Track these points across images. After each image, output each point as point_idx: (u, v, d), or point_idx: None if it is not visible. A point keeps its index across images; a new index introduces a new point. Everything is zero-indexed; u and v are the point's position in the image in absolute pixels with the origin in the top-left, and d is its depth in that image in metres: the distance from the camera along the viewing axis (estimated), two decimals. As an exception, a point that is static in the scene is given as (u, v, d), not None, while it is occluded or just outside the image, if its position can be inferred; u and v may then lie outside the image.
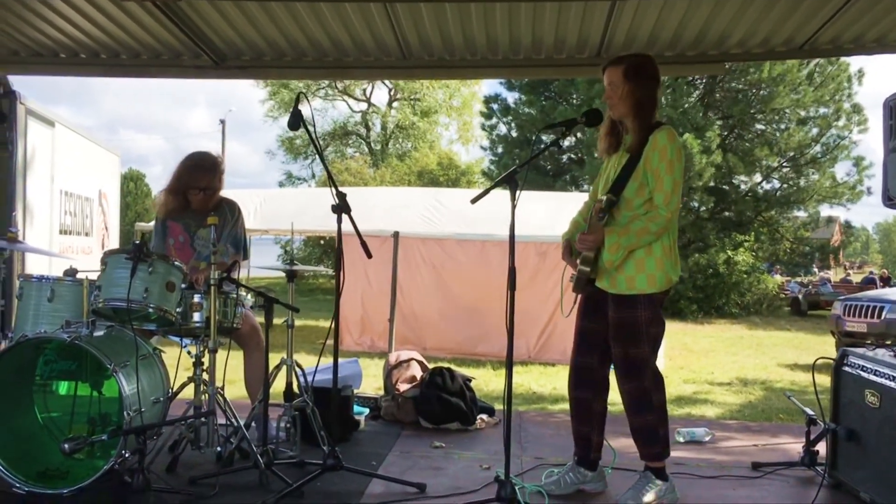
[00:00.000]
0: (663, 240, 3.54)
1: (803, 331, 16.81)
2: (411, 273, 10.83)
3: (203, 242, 4.54)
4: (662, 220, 3.47)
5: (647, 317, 3.54)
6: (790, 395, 4.81)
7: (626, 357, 3.59)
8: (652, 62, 3.67)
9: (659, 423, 3.63)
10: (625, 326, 3.57)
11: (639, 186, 3.53)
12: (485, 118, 25.68)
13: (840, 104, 22.46)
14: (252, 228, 11.33)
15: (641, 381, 3.59)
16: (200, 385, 4.00)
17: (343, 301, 13.32)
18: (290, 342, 4.33)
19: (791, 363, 11.26)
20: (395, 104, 37.86)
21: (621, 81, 3.57)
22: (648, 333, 3.56)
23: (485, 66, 5.70)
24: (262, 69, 5.84)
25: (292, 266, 4.24)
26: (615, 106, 3.63)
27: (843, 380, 3.96)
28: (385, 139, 37.62)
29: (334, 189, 3.81)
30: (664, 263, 3.54)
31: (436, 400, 5.24)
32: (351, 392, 5.05)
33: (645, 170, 3.50)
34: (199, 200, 4.51)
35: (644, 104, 3.57)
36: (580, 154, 23.78)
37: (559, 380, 8.97)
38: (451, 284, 10.80)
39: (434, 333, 10.81)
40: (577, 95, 22.60)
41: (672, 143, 3.48)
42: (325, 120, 38.76)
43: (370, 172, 31.41)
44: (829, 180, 22.88)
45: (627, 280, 3.55)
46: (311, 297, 23.49)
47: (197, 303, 4.00)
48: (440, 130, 38.29)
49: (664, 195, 3.47)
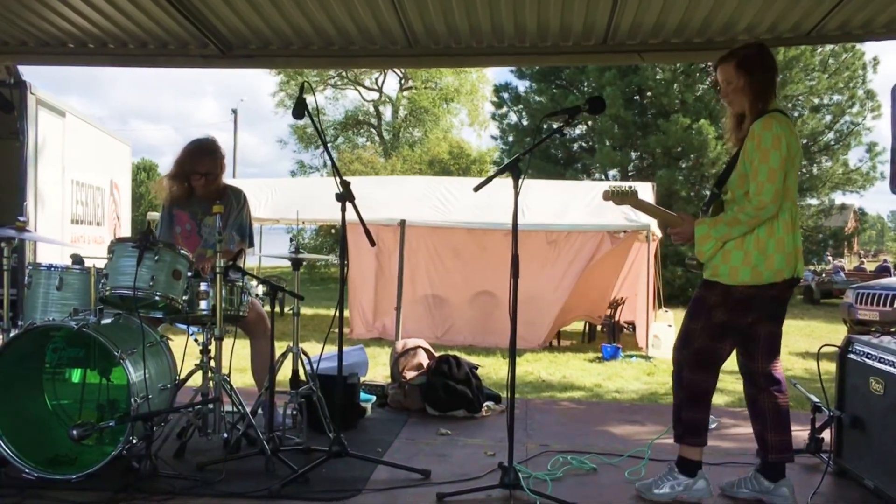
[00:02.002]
0: (759, 232, 3.43)
1: (816, 319, 16.71)
2: (421, 261, 10.86)
3: (210, 230, 4.54)
4: (752, 211, 3.37)
5: (717, 301, 3.51)
6: (795, 382, 4.80)
7: (683, 327, 3.63)
8: (765, 52, 3.57)
9: (682, 404, 3.61)
10: (694, 301, 3.60)
11: (739, 178, 3.49)
12: (496, 107, 25.63)
13: (854, 91, 22.28)
14: (263, 218, 11.39)
15: (681, 353, 3.60)
16: (207, 372, 4.03)
17: (356, 288, 13.30)
18: (296, 330, 4.37)
19: (802, 351, 11.19)
20: (406, 93, 37.79)
21: (734, 76, 3.51)
22: (711, 315, 3.52)
23: (491, 54, 5.68)
24: (269, 58, 5.84)
25: (297, 254, 4.26)
26: (732, 102, 3.58)
27: (848, 367, 3.95)
28: (396, 128, 37.59)
29: (338, 177, 3.81)
30: (754, 257, 3.43)
31: (442, 387, 5.27)
32: (357, 379, 5.06)
33: (744, 160, 3.45)
34: (201, 185, 4.52)
35: (759, 96, 3.49)
36: (591, 142, 23.70)
37: (569, 368, 8.98)
38: (463, 273, 10.82)
39: (445, 321, 10.84)
40: (589, 83, 22.52)
41: (767, 130, 3.36)
42: (337, 109, 38.88)
43: (381, 162, 31.41)
44: (843, 167, 22.75)
45: (713, 268, 3.54)
46: (323, 287, 23.59)
47: (203, 291, 4.03)
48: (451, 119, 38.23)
49: (756, 185, 3.37)
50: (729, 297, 3.48)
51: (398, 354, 5.73)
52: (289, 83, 35.77)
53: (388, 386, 5.70)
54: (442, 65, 18.13)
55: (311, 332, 10.76)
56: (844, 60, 21.88)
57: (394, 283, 10.57)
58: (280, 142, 73.01)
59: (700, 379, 3.59)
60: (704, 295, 3.56)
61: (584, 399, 6.94)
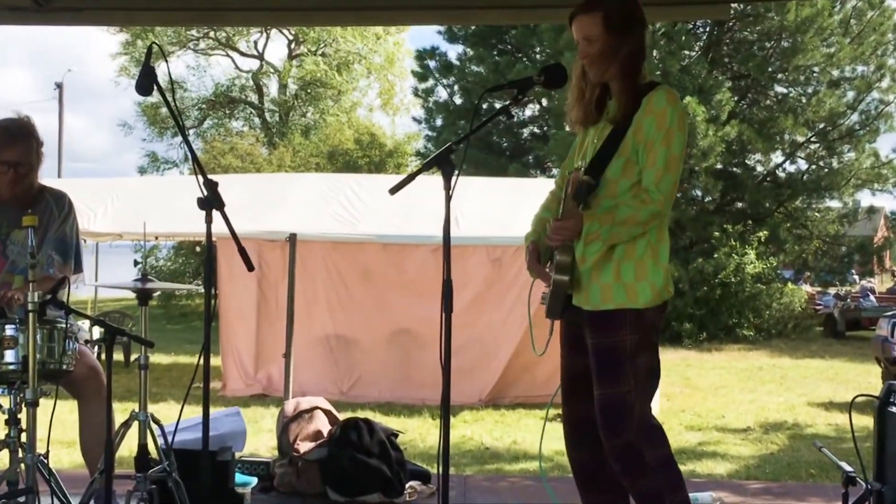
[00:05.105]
0: (650, 236, 3.53)
1: (840, 358, 17.18)
2: (319, 288, 10.74)
3: (19, 249, 4.43)
4: (655, 206, 3.47)
5: (633, 342, 3.51)
6: (821, 445, 4.87)
7: (604, 399, 3.55)
8: (636, 3, 3.66)
9: (664, 489, 3.57)
10: (601, 355, 3.54)
11: (625, 164, 3.54)
12: (419, 80, 25.73)
13: (883, 60, 22.87)
14: (99, 232, 11.16)
15: (625, 434, 3.53)
16: (16, 451, 3.89)
17: (230, 327, 13.14)
18: (144, 387, 4.27)
19: (825, 401, 11.48)
20: (297, 61, 37.64)
21: (601, 33, 3.53)
22: (634, 365, 3.52)
23: (413, 8, 5.69)
24: (103, 11, 5.74)
25: (144, 283, 4.13)
26: (595, 65, 3.59)
27: (891, 424, 4.01)
28: (284, 108, 37.37)
29: (201, 176, 3.71)
30: (649, 268, 3.52)
31: (349, 463, 5.23)
32: (231, 455, 4.99)
33: (634, 142, 3.51)
34: (7, 183, 4.41)
35: (634, 60, 3.57)
36: (545, 127, 23.97)
37: (521, 430, 8.99)
38: (376, 305, 10.75)
39: (353, 371, 10.76)
40: (542, 48, 22.81)
41: (673, 106, 3.50)
42: (203, 83, 38.37)
43: (264, 153, 31.15)
44: (871, 159, 23.26)
45: (602, 290, 3.52)
46: (185, 325, 23.19)
47: (9, 336, 3.90)
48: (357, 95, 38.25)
49: (655, 173, 3.47)
50: (641, 326, 3.53)
51: (288, 419, 5.67)
52: (135, 44, 35.20)
53: (274, 462, 5.63)
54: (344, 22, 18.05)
55: (167, 390, 10.52)
56: (870, 20, 22.42)
57: (282, 319, 10.41)
58: (123, 126, 71.48)
59: (665, 450, 3.62)
60: (613, 340, 3.52)
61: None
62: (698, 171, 20.31)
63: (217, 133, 35.86)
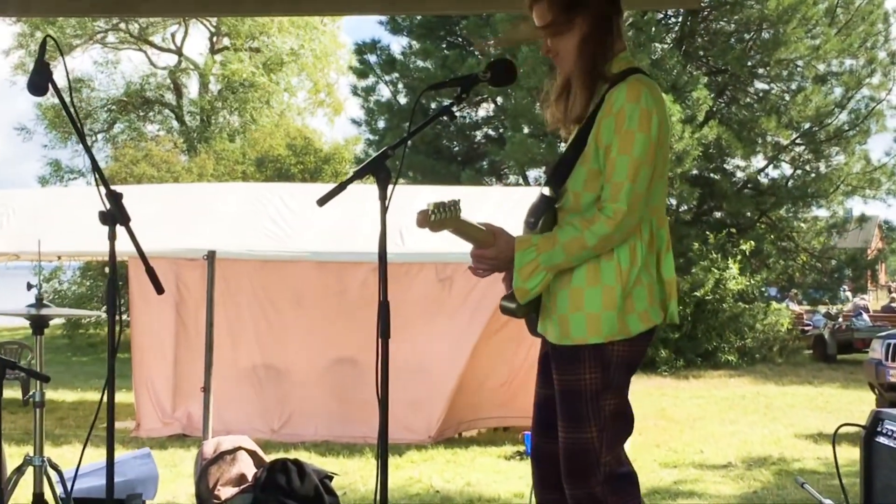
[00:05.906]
0: (620, 257, 3.35)
1: (831, 384, 17.35)
2: (245, 313, 10.69)
3: None
4: (604, 227, 3.30)
5: (596, 382, 3.40)
6: (803, 481, 4.94)
7: (567, 445, 3.47)
8: None
9: None
10: (562, 395, 3.47)
11: (588, 174, 3.41)
12: (357, 76, 25.71)
13: (873, 54, 23.14)
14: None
15: (588, 484, 3.46)
16: None
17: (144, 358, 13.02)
18: (39, 428, 4.21)
19: (814, 432, 11.57)
20: (220, 56, 37.52)
21: (561, 20, 3.45)
22: (598, 409, 3.43)
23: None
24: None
25: (39, 309, 4.09)
26: (561, 58, 3.53)
27: (878, 455, 4.06)
28: (206, 110, 37.21)
29: (102, 186, 3.69)
30: (617, 297, 3.36)
31: (278, 510, 5.20)
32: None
33: (595, 147, 3.38)
34: None
35: (595, 49, 3.44)
36: (501, 129, 24.03)
37: (475, 471, 8.99)
38: (310, 331, 10.72)
39: (284, 406, 10.71)
40: (496, 41, 22.87)
41: (634, 102, 3.34)
42: (113, 81, 38.11)
43: (183, 161, 30.97)
44: (861, 162, 23.51)
45: (560, 322, 3.43)
46: (94, 357, 22.93)
47: None
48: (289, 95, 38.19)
49: (611, 187, 3.31)
50: (604, 364, 3.40)
51: (207, 461, 5.66)
52: (33, 35, 34.92)
53: (192, 511, 5.60)
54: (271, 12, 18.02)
55: (72, 431, 10.40)
56: (859, 9, 22.66)
57: (202, 348, 10.34)
58: (21, 131, 70.83)
59: (635, 500, 3.55)
60: (574, 380, 3.43)
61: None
62: (672, 177, 20.42)
63: (129, 138, 35.62)
